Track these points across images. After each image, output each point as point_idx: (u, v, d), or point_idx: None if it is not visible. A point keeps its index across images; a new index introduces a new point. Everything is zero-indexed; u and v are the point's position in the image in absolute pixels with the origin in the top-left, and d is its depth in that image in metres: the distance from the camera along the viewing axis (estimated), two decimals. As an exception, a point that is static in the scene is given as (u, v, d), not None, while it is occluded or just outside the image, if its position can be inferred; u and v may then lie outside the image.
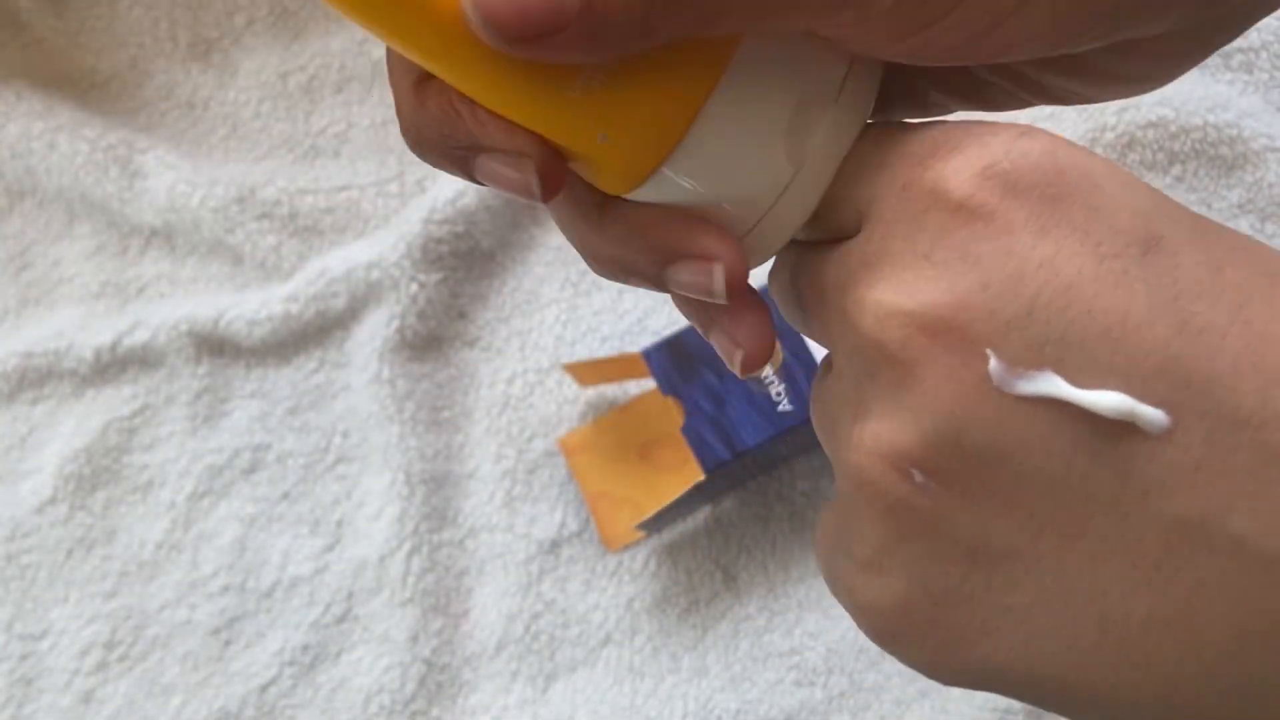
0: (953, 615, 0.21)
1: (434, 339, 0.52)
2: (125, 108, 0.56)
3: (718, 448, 0.44)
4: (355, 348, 0.52)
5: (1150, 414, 0.19)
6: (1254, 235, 0.49)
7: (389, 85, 0.23)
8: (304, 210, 0.54)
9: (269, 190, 0.54)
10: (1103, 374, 0.19)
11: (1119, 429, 0.19)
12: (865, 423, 0.21)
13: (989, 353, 0.19)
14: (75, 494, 0.52)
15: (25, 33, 0.57)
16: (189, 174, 0.53)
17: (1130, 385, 0.19)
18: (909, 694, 0.45)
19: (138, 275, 0.55)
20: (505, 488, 0.50)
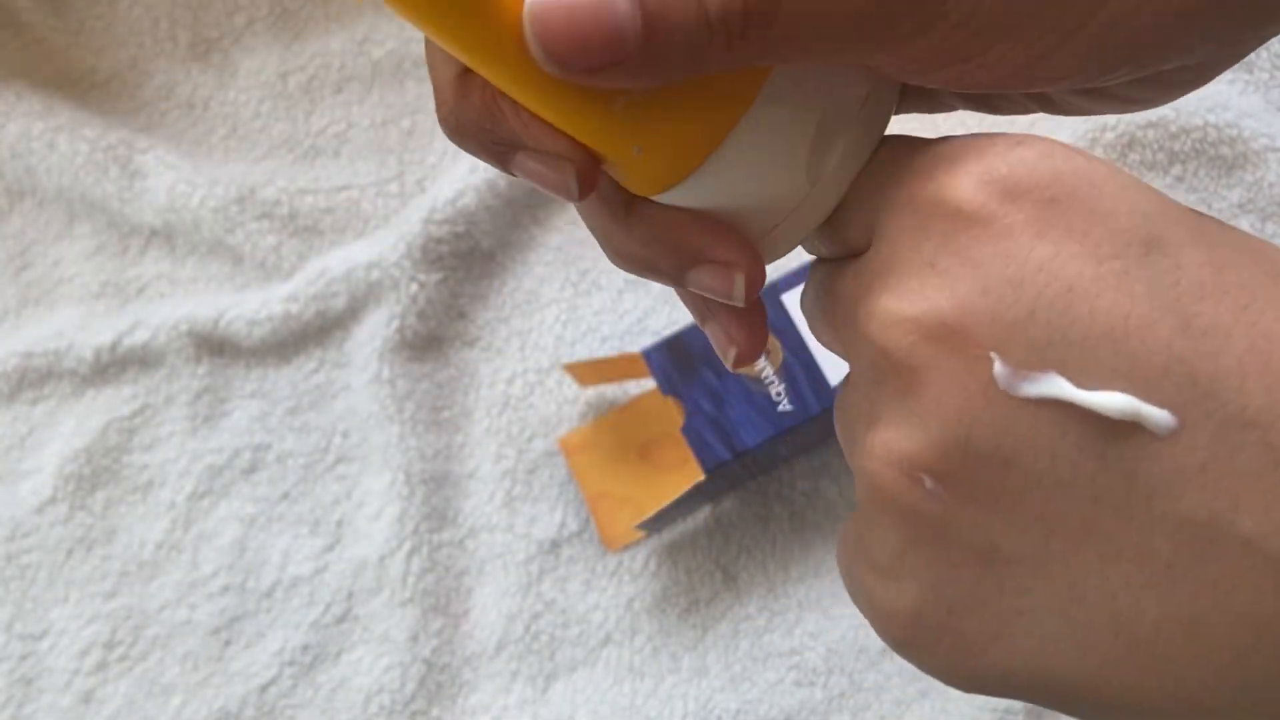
0: (966, 620, 0.21)
1: (434, 339, 0.52)
2: (125, 108, 0.56)
3: (718, 448, 0.44)
4: (355, 348, 0.52)
5: (1155, 414, 0.19)
6: (1255, 235, 0.48)
7: (430, 75, 0.24)
8: (304, 210, 0.54)
9: (269, 190, 0.54)
10: (1106, 375, 0.19)
11: (1125, 430, 0.19)
12: (876, 431, 0.21)
13: (993, 356, 0.19)
14: (75, 494, 0.52)
15: (25, 32, 0.57)
16: (189, 174, 0.53)
17: (1134, 386, 0.19)
18: (909, 694, 0.45)
19: (138, 275, 0.55)
20: (505, 488, 0.50)
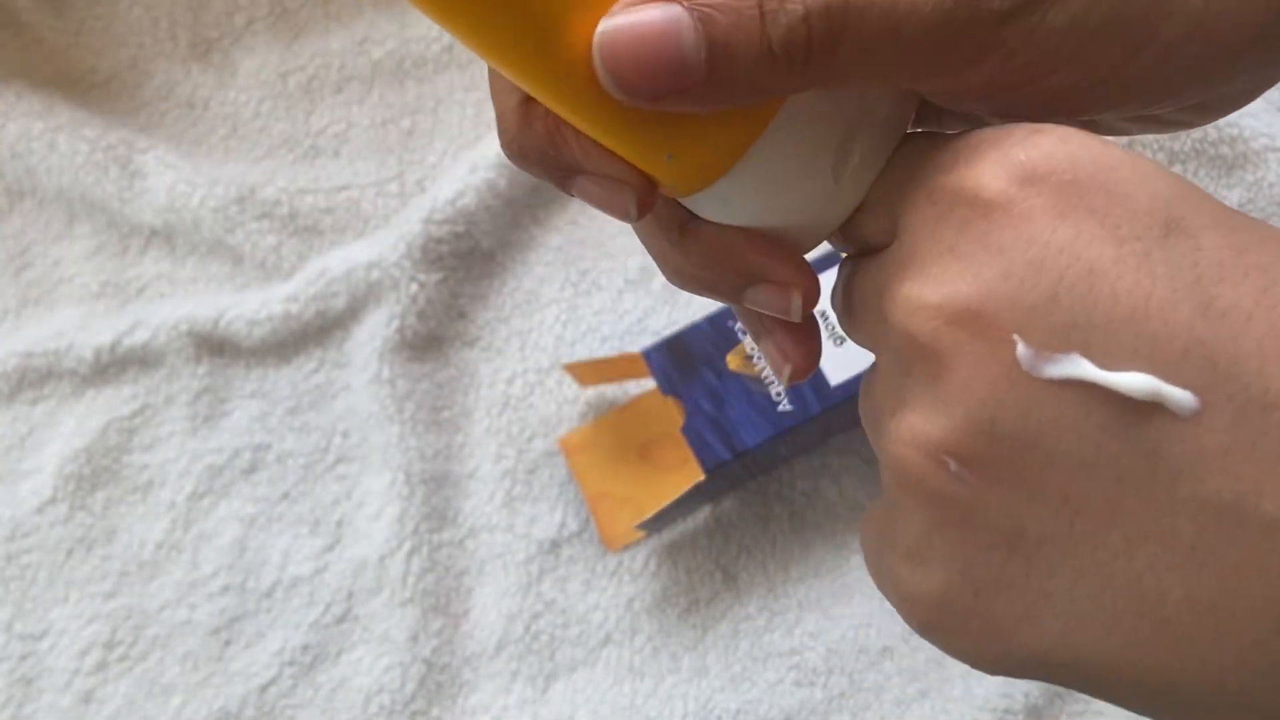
0: (993, 602, 0.21)
1: (434, 339, 0.52)
2: (125, 107, 0.56)
3: (718, 448, 0.44)
4: (355, 348, 0.52)
5: (1178, 395, 0.19)
6: (1254, 235, 0.49)
7: (493, 101, 0.24)
8: (304, 210, 0.54)
9: (269, 190, 0.54)
10: (1128, 356, 0.19)
11: (1147, 411, 0.19)
12: (901, 416, 0.21)
13: (1015, 338, 0.20)
14: (75, 494, 0.52)
15: (25, 32, 0.57)
16: (189, 174, 0.53)
17: (1155, 367, 0.19)
18: (909, 694, 0.45)
19: (138, 275, 0.55)
20: (505, 488, 0.50)
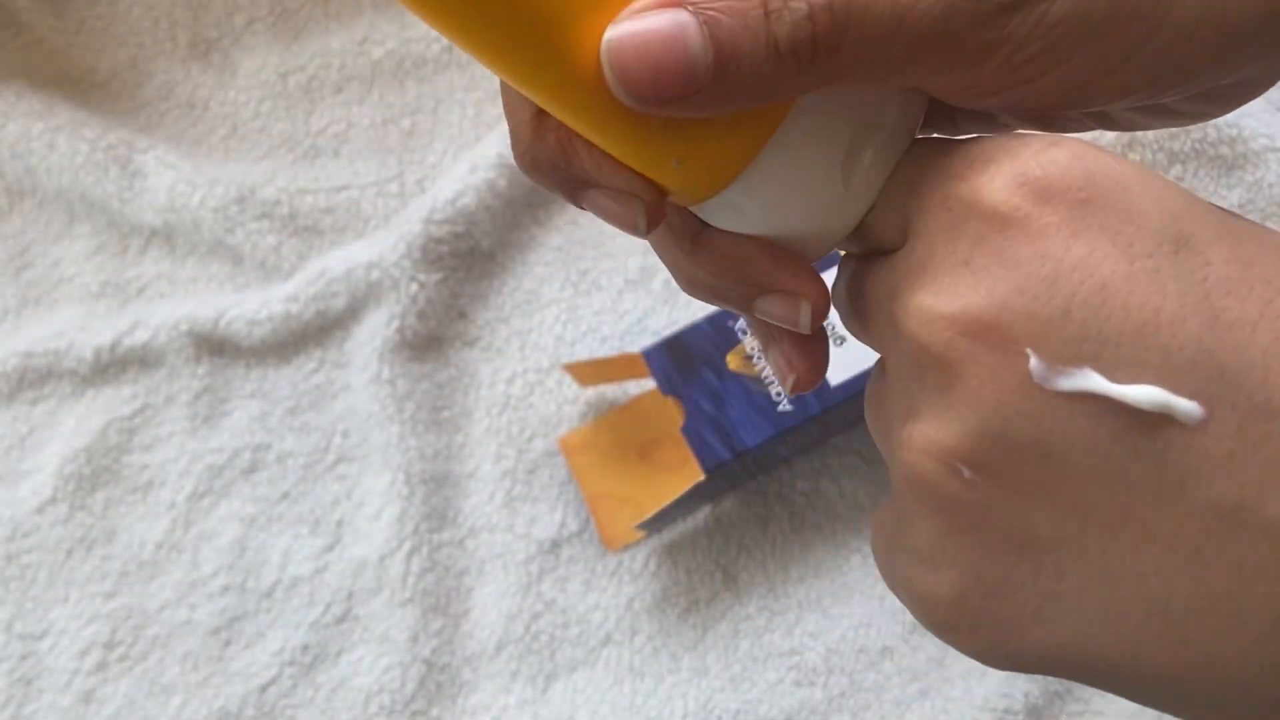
0: (1005, 604, 0.22)
1: (434, 339, 0.52)
2: (125, 107, 0.56)
3: (718, 448, 0.44)
4: (355, 348, 0.52)
5: (1185, 406, 0.19)
6: (1254, 235, 0.49)
7: (506, 114, 0.24)
8: (304, 210, 0.54)
9: (269, 190, 0.54)
10: (1138, 369, 0.20)
11: (1156, 421, 0.20)
12: (915, 423, 0.22)
13: (1029, 352, 0.20)
14: (75, 494, 0.52)
15: (25, 32, 0.57)
16: (189, 174, 0.53)
17: (1164, 379, 0.20)
18: (909, 694, 0.45)
19: (138, 275, 0.55)
20: (505, 488, 0.50)
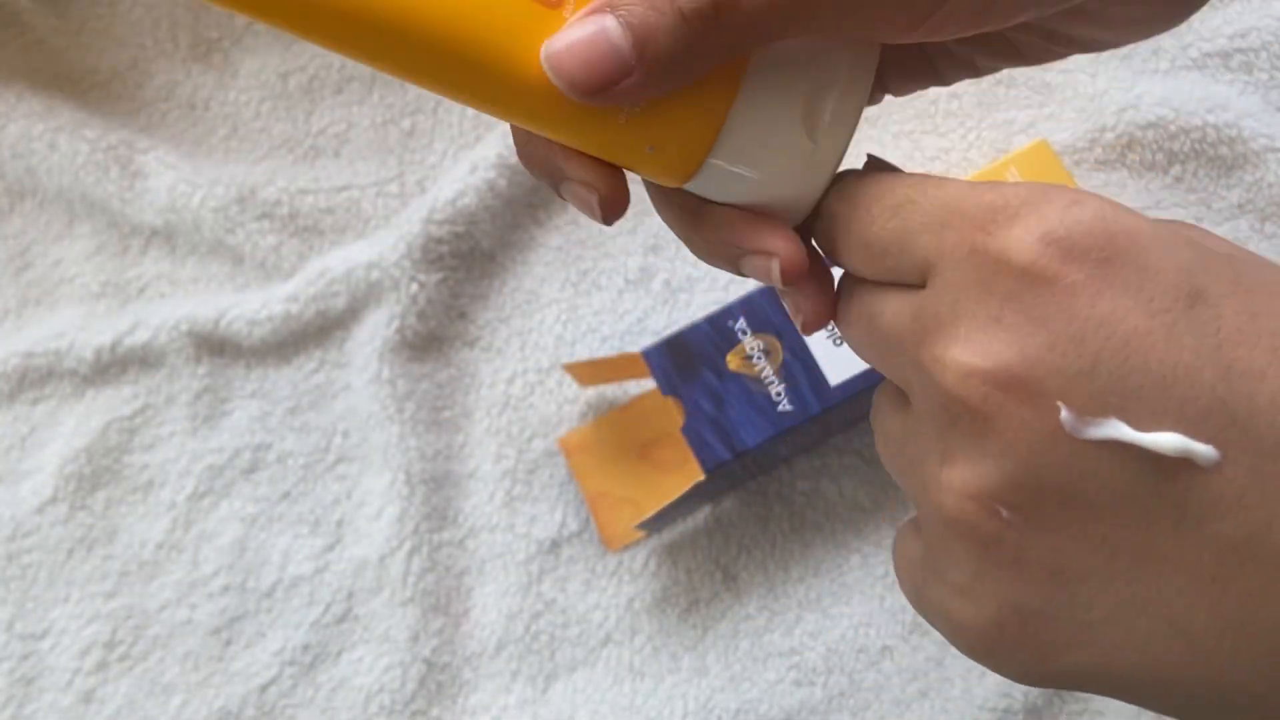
0: (1041, 631, 0.24)
1: (434, 339, 0.52)
2: (126, 108, 0.56)
3: (718, 448, 0.44)
4: (355, 348, 0.52)
5: (1203, 450, 0.21)
6: (1254, 235, 0.49)
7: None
8: (304, 210, 0.54)
9: (269, 190, 0.54)
10: (1159, 417, 0.22)
11: (1176, 464, 0.22)
12: (952, 467, 0.24)
13: (1059, 404, 0.22)
14: (76, 494, 0.52)
15: (26, 33, 0.57)
16: (189, 174, 0.53)
17: (1183, 425, 0.22)
18: (909, 694, 0.45)
19: (138, 275, 0.55)
20: (505, 488, 0.50)
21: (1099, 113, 0.50)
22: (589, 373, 0.49)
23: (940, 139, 0.52)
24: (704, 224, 0.28)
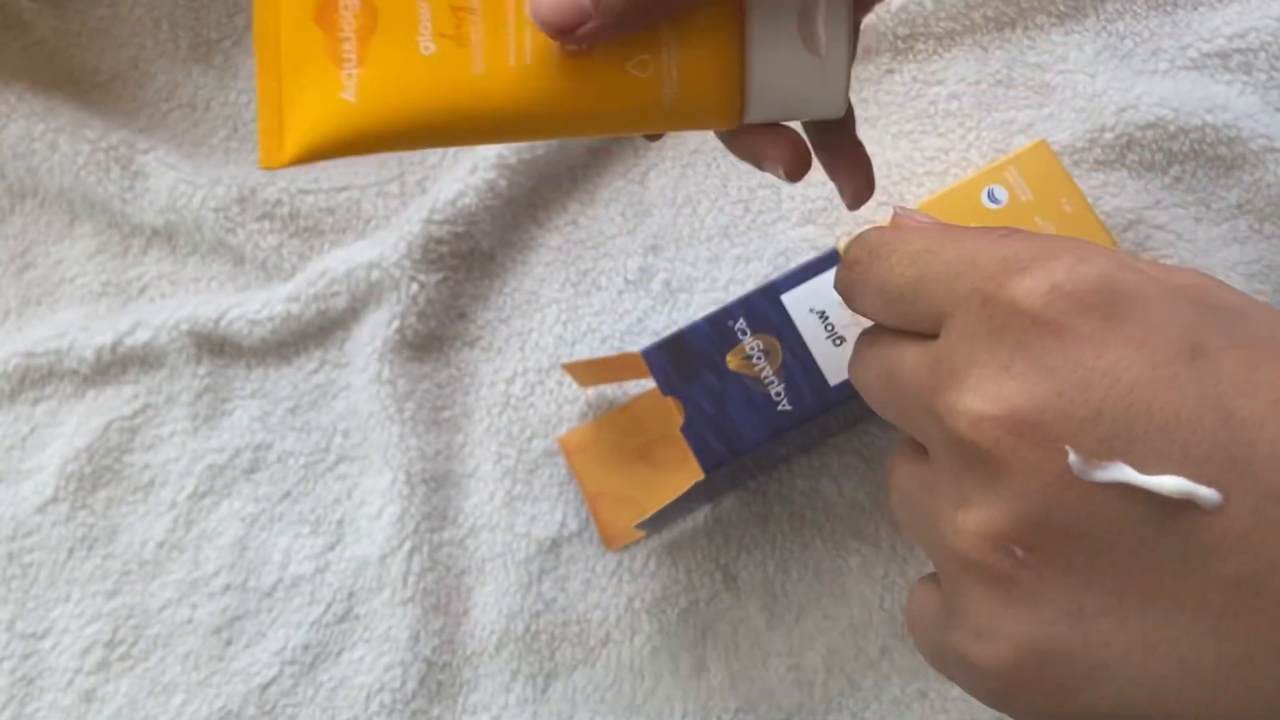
0: (1057, 672, 0.24)
1: (434, 339, 0.52)
2: (126, 108, 0.56)
3: (718, 448, 0.44)
4: (356, 348, 0.52)
5: (1206, 493, 0.22)
6: (1253, 235, 0.49)
7: None
8: (305, 210, 0.54)
9: (270, 191, 0.54)
10: (1163, 461, 0.23)
11: (1180, 506, 0.23)
12: (968, 511, 0.25)
13: (1068, 449, 0.23)
14: (77, 493, 0.52)
15: (27, 33, 0.57)
16: (190, 174, 0.53)
17: (1185, 469, 0.23)
18: (908, 694, 0.46)
19: (139, 275, 0.55)
20: (505, 487, 0.50)
21: (1098, 113, 0.50)
22: (589, 373, 0.49)
23: (940, 139, 0.52)
24: (733, 142, 0.33)
